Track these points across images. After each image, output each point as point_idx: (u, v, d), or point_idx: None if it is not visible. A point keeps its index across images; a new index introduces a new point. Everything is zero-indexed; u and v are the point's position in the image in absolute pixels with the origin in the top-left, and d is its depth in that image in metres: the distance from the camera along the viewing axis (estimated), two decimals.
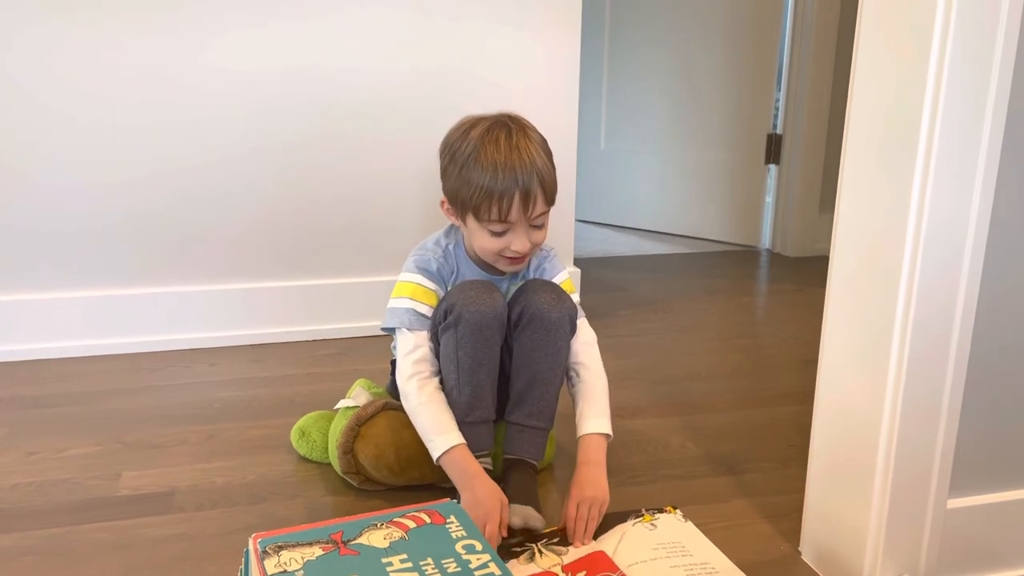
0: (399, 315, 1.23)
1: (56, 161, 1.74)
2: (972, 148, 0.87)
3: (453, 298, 1.18)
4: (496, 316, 1.18)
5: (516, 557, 1.07)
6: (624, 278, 2.58)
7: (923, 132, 0.87)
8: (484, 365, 1.18)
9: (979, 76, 0.85)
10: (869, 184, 0.95)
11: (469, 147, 1.16)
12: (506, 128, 1.18)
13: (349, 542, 0.82)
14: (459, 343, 1.17)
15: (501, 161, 1.14)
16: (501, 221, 1.16)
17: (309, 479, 1.30)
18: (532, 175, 1.15)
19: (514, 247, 1.18)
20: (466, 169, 1.16)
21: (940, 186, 0.88)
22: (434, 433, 1.15)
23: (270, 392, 1.63)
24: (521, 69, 1.94)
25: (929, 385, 0.94)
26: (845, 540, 1.03)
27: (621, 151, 3.21)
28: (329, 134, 1.86)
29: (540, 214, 1.18)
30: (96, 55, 1.71)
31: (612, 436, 1.23)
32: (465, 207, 1.18)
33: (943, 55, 0.84)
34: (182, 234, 1.84)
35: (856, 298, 0.98)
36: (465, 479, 1.12)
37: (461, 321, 1.16)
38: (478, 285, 1.19)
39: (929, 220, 0.88)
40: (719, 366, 1.84)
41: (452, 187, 1.20)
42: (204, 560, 1.08)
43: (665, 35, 3.00)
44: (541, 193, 1.17)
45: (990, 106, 0.86)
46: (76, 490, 1.26)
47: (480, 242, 1.20)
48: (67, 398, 1.59)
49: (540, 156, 1.17)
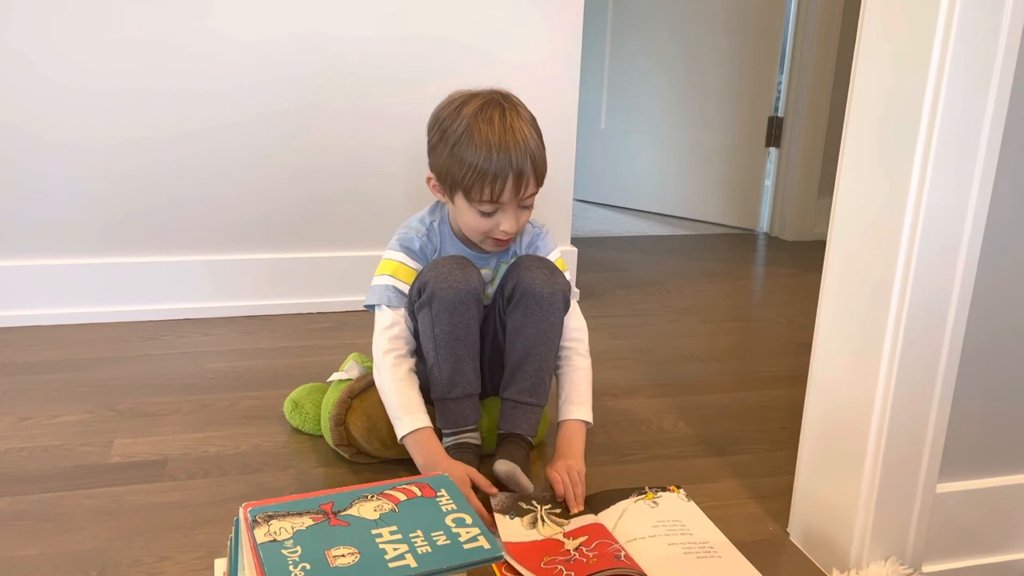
0: (379, 292, 1.23)
1: (50, 128, 1.72)
2: (972, 136, 0.87)
3: (426, 275, 1.18)
4: (470, 291, 1.17)
5: (522, 516, 1.08)
6: (621, 259, 2.57)
7: (924, 119, 0.86)
8: (461, 341, 1.19)
9: (982, 64, 0.85)
10: (868, 170, 0.94)
11: (461, 125, 1.15)
12: (499, 107, 1.16)
13: (339, 513, 0.82)
14: (435, 320, 1.17)
15: (495, 142, 1.13)
16: (492, 202, 1.16)
17: (301, 450, 1.30)
18: (526, 157, 1.14)
19: (503, 227, 1.18)
20: (459, 148, 1.15)
21: (939, 174, 0.87)
22: (402, 411, 1.16)
23: (263, 363, 1.63)
24: (523, 44, 1.92)
25: (922, 370, 0.94)
26: (833, 522, 1.03)
27: (621, 131, 3.19)
28: (326, 104, 1.85)
29: (530, 195, 1.18)
30: (95, 23, 1.69)
31: (592, 424, 1.24)
32: (455, 186, 1.17)
33: (946, 41, 0.84)
34: (177, 204, 1.83)
35: (852, 283, 0.98)
36: (429, 462, 1.13)
37: (435, 299, 1.16)
38: (451, 261, 1.19)
39: (927, 207, 0.88)
40: (713, 348, 1.84)
41: (442, 165, 1.18)
42: (195, 528, 1.09)
43: (668, 14, 2.98)
44: (533, 174, 1.16)
45: (992, 94, 0.86)
46: (68, 456, 1.26)
47: (468, 221, 1.20)
48: (60, 365, 1.59)
49: (533, 137, 1.16)
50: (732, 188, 3.00)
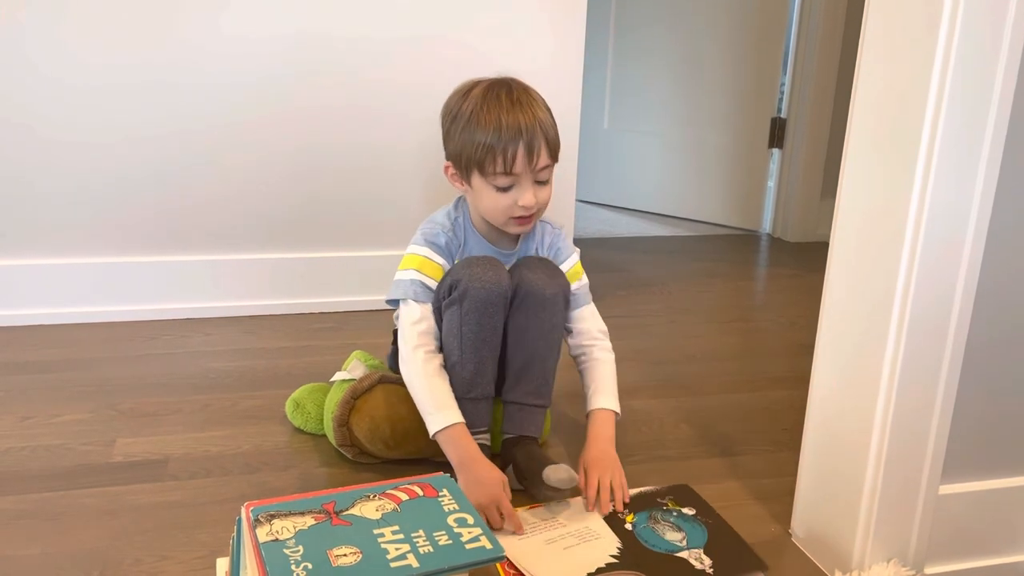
0: (405, 287, 1.22)
1: (53, 127, 1.72)
2: (976, 137, 0.87)
3: (459, 273, 1.18)
4: (501, 293, 1.17)
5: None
6: (624, 259, 2.57)
7: (927, 120, 0.86)
8: (487, 342, 1.18)
9: (985, 66, 0.84)
10: (871, 171, 0.94)
11: (471, 105, 1.17)
12: (506, 86, 1.19)
13: (341, 512, 0.82)
14: (463, 319, 1.17)
15: (504, 114, 1.15)
16: (507, 174, 1.16)
17: (303, 450, 1.30)
18: (535, 126, 1.16)
19: (521, 202, 1.18)
20: (470, 126, 1.17)
21: (942, 175, 0.87)
22: (434, 407, 1.15)
23: (265, 363, 1.63)
24: (526, 45, 1.92)
25: (924, 372, 0.94)
26: (836, 523, 1.03)
27: (624, 131, 3.19)
28: (328, 104, 1.85)
29: (544, 167, 1.18)
30: (95, 22, 1.69)
31: (620, 414, 1.23)
32: (470, 164, 1.18)
33: (950, 43, 0.83)
34: (178, 203, 1.83)
35: (854, 284, 0.97)
36: (465, 460, 1.12)
37: (467, 297, 1.16)
38: (484, 261, 1.19)
39: (930, 209, 0.88)
40: (715, 349, 1.84)
41: (456, 147, 1.20)
42: (196, 528, 1.09)
43: (671, 15, 2.97)
44: (545, 145, 1.17)
45: (995, 97, 0.86)
46: (70, 456, 1.26)
47: (487, 201, 1.20)
48: (62, 364, 1.59)
49: (542, 110, 1.19)
50: (735, 189, 3.00)
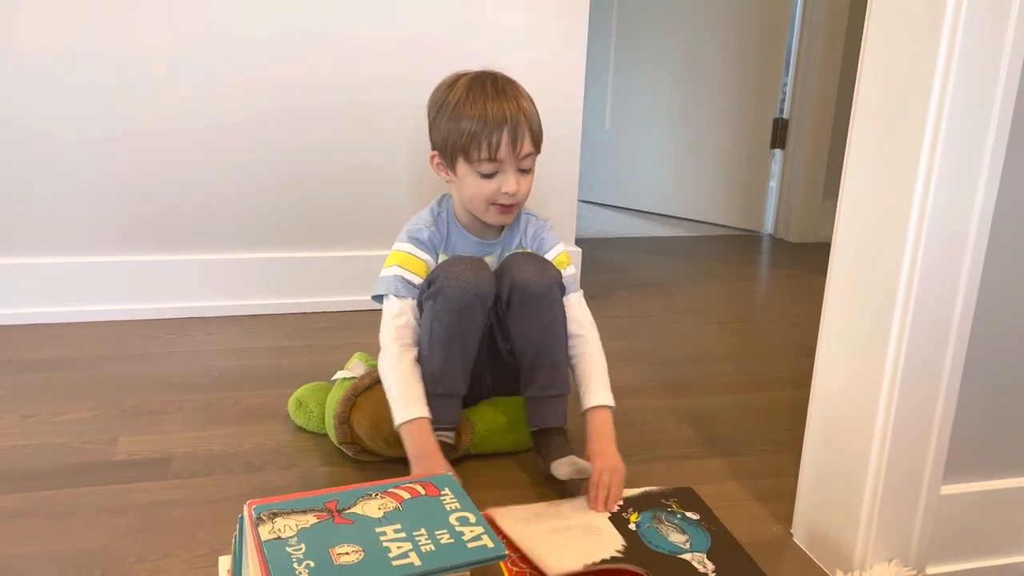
0: (387, 282, 1.25)
1: (53, 127, 1.73)
2: (978, 138, 0.87)
3: (439, 270, 1.21)
4: (478, 295, 1.19)
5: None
6: (625, 259, 2.57)
7: (929, 121, 0.86)
8: (457, 340, 1.20)
9: (988, 67, 0.84)
10: (873, 172, 0.94)
11: (457, 95, 1.20)
12: (492, 76, 1.23)
13: (343, 511, 0.82)
14: (435, 315, 1.19)
15: (490, 103, 1.18)
16: (491, 160, 1.18)
17: (305, 449, 1.30)
18: (519, 114, 1.19)
19: (505, 188, 1.20)
20: (456, 114, 1.19)
21: (944, 176, 0.87)
22: (401, 399, 1.17)
23: (267, 362, 1.63)
24: (528, 45, 1.92)
25: (927, 372, 0.94)
26: (837, 524, 1.03)
27: (626, 132, 3.19)
28: (329, 103, 1.85)
29: (527, 154, 1.21)
30: (94, 20, 1.69)
31: (614, 406, 1.24)
32: (455, 152, 1.21)
33: (953, 42, 0.83)
34: (181, 202, 1.83)
35: (857, 285, 0.98)
36: (421, 454, 1.13)
37: (441, 294, 1.18)
38: (466, 261, 1.21)
39: (932, 210, 0.88)
40: (716, 349, 1.84)
41: (441, 136, 1.23)
42: (198, 526, 1.09)
43: (673, 16, 2.97)
44: (528, 134, 1.20)
45: (998, 96, 0.86)
46: (72, 454, 1.26)
47: (471, 189, 1.22)
48: (65, 363, 1.59)
49: (527, 100, 1.22)
50: (736, 190, 3.00)
